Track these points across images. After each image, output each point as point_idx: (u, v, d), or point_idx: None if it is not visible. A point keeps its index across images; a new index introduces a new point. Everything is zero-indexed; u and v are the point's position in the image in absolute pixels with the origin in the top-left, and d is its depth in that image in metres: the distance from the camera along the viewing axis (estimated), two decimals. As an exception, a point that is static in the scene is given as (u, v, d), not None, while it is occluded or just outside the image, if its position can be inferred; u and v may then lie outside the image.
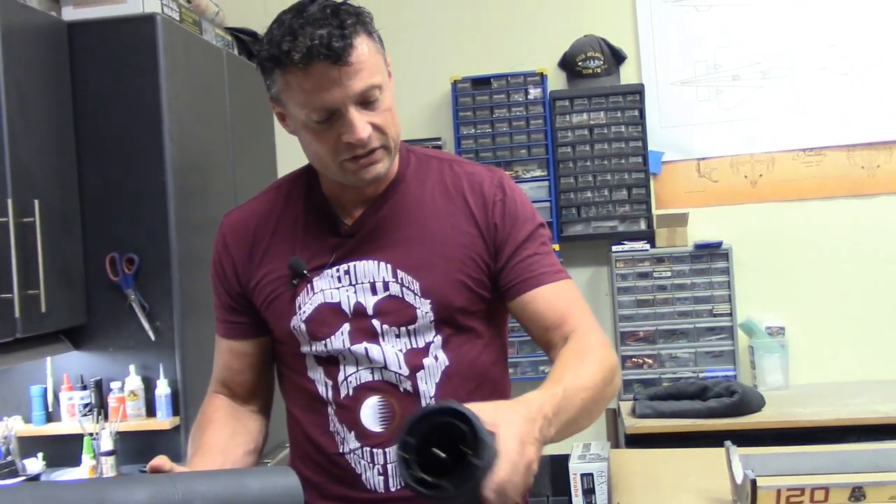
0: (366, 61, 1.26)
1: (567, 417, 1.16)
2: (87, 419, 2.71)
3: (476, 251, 1.38)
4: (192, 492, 0.99)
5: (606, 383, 1.25)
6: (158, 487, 0.97)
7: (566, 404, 1.15)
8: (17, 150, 2.43)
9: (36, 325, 2.47)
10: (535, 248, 1.39)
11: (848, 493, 1.21)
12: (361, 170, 1.31)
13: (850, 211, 3.69)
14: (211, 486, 1.01)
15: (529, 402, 1.11)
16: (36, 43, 2.61)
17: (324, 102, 1.25)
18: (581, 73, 3.78)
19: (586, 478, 3.36)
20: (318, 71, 1.23)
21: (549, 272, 1.38)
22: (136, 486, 0.97)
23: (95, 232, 2.77)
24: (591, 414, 1.23)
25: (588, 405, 1.21)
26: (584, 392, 1.19)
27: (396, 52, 1.42)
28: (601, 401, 1.25)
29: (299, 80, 1.25)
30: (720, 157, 3.77)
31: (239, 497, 1.01)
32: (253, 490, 1.03)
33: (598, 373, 1.24)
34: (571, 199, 3.76)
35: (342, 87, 1.24)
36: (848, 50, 3.67)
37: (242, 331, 1.48)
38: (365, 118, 1.27)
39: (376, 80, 1.28)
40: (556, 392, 1.15)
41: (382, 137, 1.31)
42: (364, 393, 1.37)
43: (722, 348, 3.63)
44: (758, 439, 2.93)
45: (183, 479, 1.02)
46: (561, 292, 1.37)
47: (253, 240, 1.44)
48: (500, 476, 1.01)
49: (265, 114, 3.68)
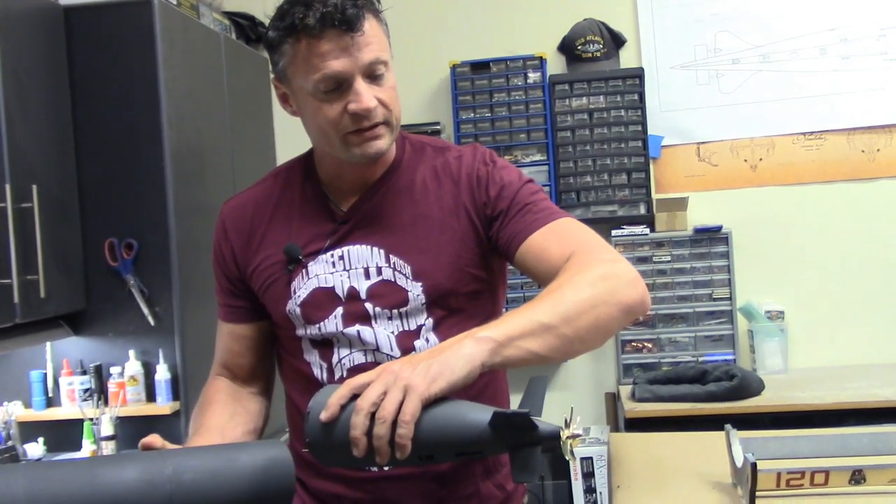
0: (375, 36, 1.30)
1: (529, 332, 1.13)
2: (87, 404, 2.72)
3: (466, 232, 1.39)
4: (182, 466, 0.99)
5: (586, 286, 1.19)
6: (149, 464, 0.98)
7: (522, 320, 1.13)
8: (14, 136, 2.42)
9: (35, 311, 2.47)
10: (524, 202, 1.37)
11: (848, 476, 1.21)
12: (364, 143, 1.32)
13: (850, 195, 3.69)
14: (201, 461, 1.02)
15: (446, 342, 1.13)
16: (33, 28, 2.59)
17: (334, 69, 1.27)
18: (580, 57, 3.76)
19: (586, 461, 3.39)
20: (331, 38, 1.26)
21: (542, 217, 1.35)
22: (126, 463, 0.98)
23: (94, 217, 2.76)
24: (575, 324, 1.16)
25: (569, 318, 1.15)
26: (551, 304, 1.16)
27: (395, 37, 1.43)
28: (593, 308, 1.17)
29: (311, 47, 1.27)
30: (720, 142, 3.76)
31: (229, 470, 1.02)
32: (243, 462, 1.04)
33: (577, 280, 1.20)
34: (571, 183, 3.75)
35: (353, 56, 1.27)
36: (848, 33, 3.66)
37: (242, 314, 1.50)
38: (372, 91, 1.30)
39: (384, 56, 1.31)
40: (504, 315, 1.16)
41: (386, 113, 1.33)
42: (357, 374, 1.38)
43: (721, 332, 3.63)
44: (757, 423, 2.94)
45: (173, 455, 1.03)
46: (557, 230, 1.34)
47: (251, 226, 1.46)
48: (331, 399, 1.07)
49: (264, 98, 3.68)
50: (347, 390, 1.07)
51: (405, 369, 1.06)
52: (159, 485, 0.96)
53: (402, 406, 1.02)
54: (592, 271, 1.22)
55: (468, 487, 1.42)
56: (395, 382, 1.04)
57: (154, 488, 0.96)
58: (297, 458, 1.46)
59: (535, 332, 1.14)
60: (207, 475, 1.00)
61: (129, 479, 0.96)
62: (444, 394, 1.06)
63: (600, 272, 1.22)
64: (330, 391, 1.10)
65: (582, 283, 1.20)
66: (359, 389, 1.07)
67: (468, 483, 1.41)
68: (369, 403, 1.03)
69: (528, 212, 1.36)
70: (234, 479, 1.02)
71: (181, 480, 0.98)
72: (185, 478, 0.98)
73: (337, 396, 1.07)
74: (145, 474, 0.97)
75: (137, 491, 0.95)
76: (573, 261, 1.26)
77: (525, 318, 1.14)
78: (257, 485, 1.03)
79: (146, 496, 0.95)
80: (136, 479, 0.96)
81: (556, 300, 1.17)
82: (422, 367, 1.06)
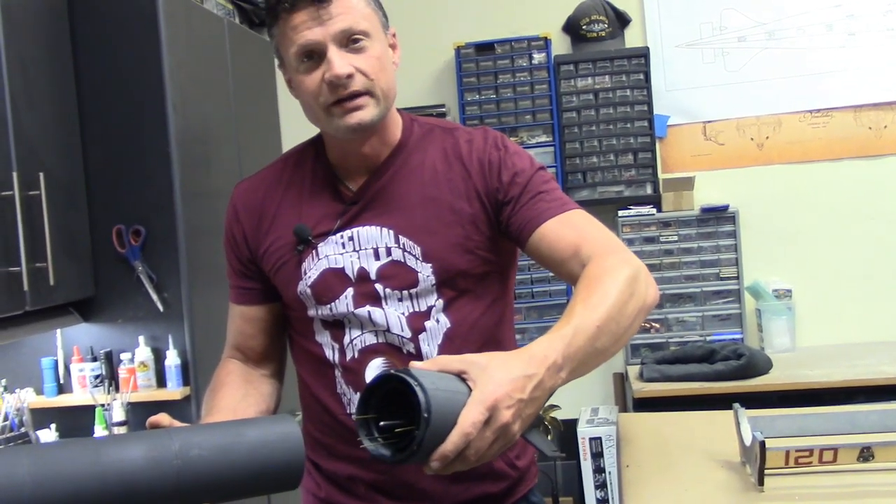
0: (351, 8, 1.32)
1: (584, 353, 1.13)
2: (99, 390, 2.73)
3: (477, 215, 1.39)
4: (188, 442, 0.98)
5: (625, 300, 1.19)
6: (155, 441, 0.97)
7: (579, 342, 1.12)
8: (20, 124, 2.42)
9: (44, 298, 2.48)
10: (536, 189, 1.38)
11: (857, 453, 1.21)
12: (346, 114, 1.33)
13: (857, 172, 3.67)
14: (208, 437, 1.01)
15: (532, 354, 1.08)
16: (37, 16, 2.59)
17: (306, 38, 1.31)
18: (585, 36, 3.75)
19: (594, 441, 3.40)
20: (303, 9, 1.31)
21: (555, 206, 1.36)
22: (132, 441, 0.97)
23: (101, 204, 2.77)
24: (616, 337, 1.18)
25: (609, 330, 1.16)
26: (599, 321, 1.15)
27: (399, 19, 1.44)
28: (624, 318, 1.19)
29: (288, 21, 1.33)
30: (726, 120, 3.75)
31: (237, 445, 1.01)
32: (251, 437, 1.02)
33: (612, 294, 1.19)
34: (577, 164, 3.74)
35: (323, 25, 1.31)
36: (854, 9, 3.63)
37: (253, 296, 1.51)
38: (348, 59, 1.32)
39: (361, 27, 1.33)
40: (565, 333, 1.12)
41: (368, 83, 1.33)
42: (369, 355, 1.39)
43: (729, 311, 3.63)
44: (765, 402, 2.94)
45: (180, 432, 1.01)
46: (570, 221, 1.35)
47: (261, 208, 1.47)
48: (445, 448, 0.99)
49: (268, 82, 3.67)
50: (463, 442, 1.01)
51: (515, 417, 1.04)
52: (166, 461, 0.95)
53: (493, 448, 1.04)
54: (624, 276, 1.22)
55: (482, 467, 1.42)
56: (504, 436, 1.03)
57: (161, 465, 0.95)
58: (310, 439, 1.47)
59: (589, 358, 1.15)
60: (215, 451, 0.99)
61: (136, 456, 0.95)
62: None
63: (629, 275, 1.23)
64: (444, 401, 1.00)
65: (622, 291, 1.20)
66: (472, 429, 1.01)
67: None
68: (476, 455, 1.02)
69: (541, 199, 1.37)
70: (242, 455, 1.01)
71: (188, 456, 0.97)
72: (192, 454, 0.97)
73: (458, 446, 1.00)
74: (152, 451, 0.95)
75: (144, 468, 0.94)
76: (600, 264, 1.26)
77: (588, 338, 1.14)
78: (266, 460, 1.02)
79: (153, 473, 0.95)
80: (142, 456, 0.95)
81: (609, 311, 1.17)
82: (526, 413, 1.05)
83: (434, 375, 1.02)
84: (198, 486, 0.97)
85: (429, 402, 0.97)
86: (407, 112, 1.50)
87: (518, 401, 1.04)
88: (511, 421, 1.03)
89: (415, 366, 1.04)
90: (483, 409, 1.00)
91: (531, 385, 1.05)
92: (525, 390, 1.04)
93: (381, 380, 1.03)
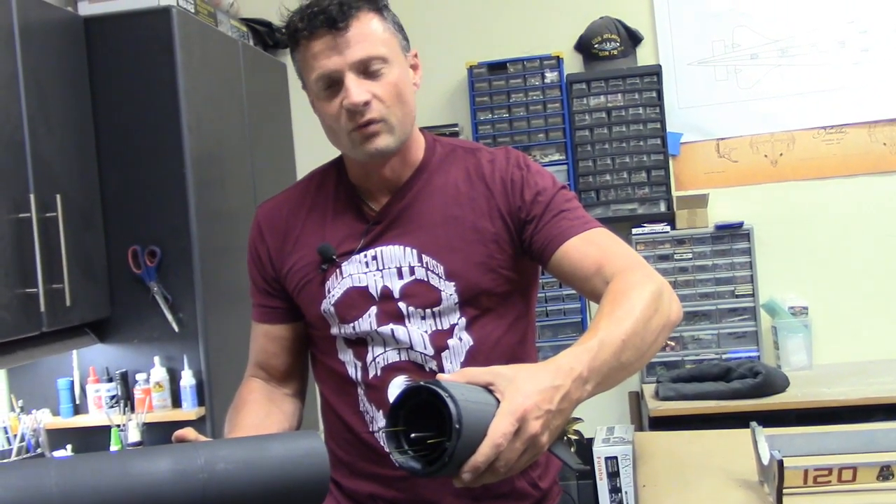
0: (370, 34, 1.34)
1: (609, 367, 1.13)
2: (114, 411, 2.74)
3: (499, 234, 1.40)
4: (214, 456, 0.98)
5: (650, 315, 1.20)
6: (181, 455, 0.97)
7: (605, 355, 1.12)
8: (37, 146, 2.45)
9: (61, 319, 2.49)
10: (559, 208, 1.39)
11: (876, 472, 1.20)
12: (364, 141, 1.35)
13: (872, 188, 3.66)
14: (234, 451, 1.01)
15: (559, 366, 1.08)
16: (53, 39, 2.62)
17: (325, 67, 1.33)
18: (598, 55, 3.75)
19: (611, 461, 3.38)
20: (321, 37, 1.33)
21: (578, 224, 1.37)
22: (159, 455, 0.97)
23: (117, 225, 2.79)
24: (640, 352, 1.19)
25: (633, 344, 1.17)
26: (624, 335, 1.15)
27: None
28: (649, 334, 1.20)
29: (307, 49, 1.35)
30: (739, 137, 3.74)
31: (262, 460, 1.01)
32: (276, 452, 1.02)
33: (637, 309, 1.20)
34: (590, 182, 3.74)
35: (341, 53, 1.32)
36: (868, 25, 3.63)
37: (277, 315, 1.53)
38: (365, 86, 1.33)
39: (379, 52, 1.34)
40: (591, 346, 1.12)
41: (384, 110, 1.35)
42: (391, 373, 1.41)
43: (745, 329, 3.61)
44: (782, 420, 2.92)
45: (206, 446, 1.01)
46: (593, 239, 1.36)
47: (286, 227, 1.49)
48: (476, 459, 0.99)
49: (282, 103, 3.70)
50: (494, 453, 1.01)
51: (543, 428, 1.04)
52: (192, 475, 0.95)
53: (522, 460, 1.04)
54: (649, 293, 1.23)
55: (504, 486, 1.42)
56: (533, 446, 1.04)
57: (186, 478, 0.95)
58: (332, 457, 1.47)
59: (614, 371, 1.15)
60: (241, 465, 0.99)
61: (162, 469, 0.94)
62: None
63: (654, 292, 1.24)
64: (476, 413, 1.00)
65: (647, 307, 1.21)
66: (502, 440, 1.00)
67: (504, 481, 1.42)
68: (507, 467, 1.02)
69: (564, 218, 1.38)
70: (267, 469, 1.00)
71: (214, 470, 0.97)
72: (218, 468, 0.97)
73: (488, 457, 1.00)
74: (178, 465, 0.95)
75: (170, 481, 0.94)
76: (625, 280, 1.27)
77: (613, 352, 1.14)
78: (291, 475, 1.01)
79: (179, 487, 0.94)
80: (168, 469, 0.95)
81: (634, 326, 1.18)
82: (554, 423, 1.06)
83: (463, 387, 1.02)
84: (223, 501, 0.97)
85: (460, 412, 0.97)
86: (429, 133, 1.51)
87: (546, 412, 1.04)
88: (540, 432, 1.03)
89: (442, 378, 1.04)
90: (513, 419, 1.01)
91: (558, 396, 1.06)
92: (553, 401, 1.05)
93: (410, 391, 1.03)
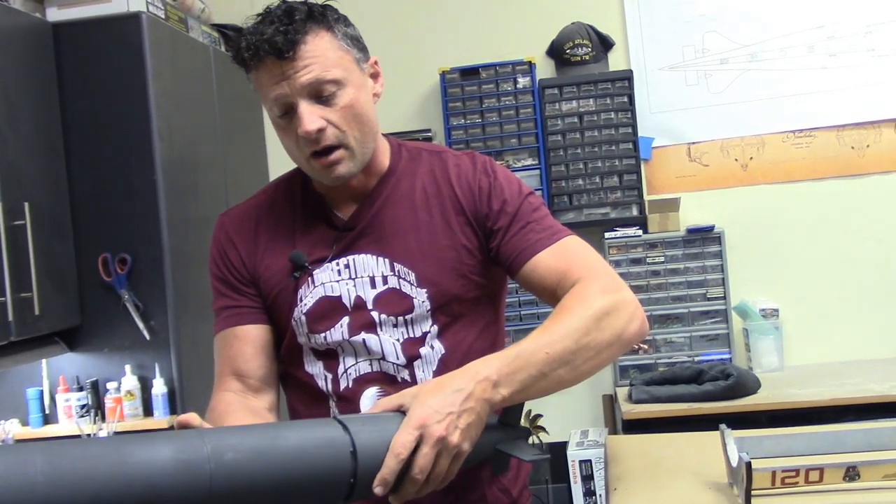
0: (318, 57, 1.29)
1: (530, 376, 1.18)
2: (85, 420, 2.72)
3: (468, 239, 1.40)
4: (222, 445, 0.89)
5: (588, 331, 1.22)
6: (185, 442, 0.88)
7: (521, 364, 1.18)
8: (5, 153, 2.42)
9: (30, 328, 2.47)
10: (527, 218, 1.39)
11: (842, 472, 1.21)
12: (324, 168, 1.34)
13: (840, 191, 3.70)
14: (244, 439, 0.93)
15: (465, 370, 1.15)
16: (21, 45, 2.59)
17: (276, 95, 1.30)
18: (569, 60, 3.77)
19: (584, 464, 3.39)
20: (267, 66, 1.29)
21: (545, 237, 1.37)
22: (160, 441, 0.88)
23: (87, 233, 2.76)
24: (573, 367, 1.21)
25: (562, 359, 1.20)
26: (549, 348, 1.19)
27: (384, 45, 1.44)
28: (585, 350, 1.22)
29: (258, 77, 1.33)
30: (710, 141, 3.77)
31: (276, 449, 0.93)
32: (292, 442, 0.95)
33: (575, 325, 1.22)
34: (563, 186, 3.76)
35: (289, 80, 1.29)
36: (835, 30, 3.68)
37: (252, 315, 1.45)
38: (318, 112, 1.30)
39: (330, 75, 1.30)
40: (507, 354, 1.18)
41: (340, 135, 1.32)
42: (363, 385, 1.39)
43: (717, 332, 3.64)
44: (754, 422, 2.95)
45: (212, 434, 0.93)
46: (560, 251, 1.36)
47: (255, 232, 1.46)
48: (382, 473, 1.03)
49: (254, 110, 3.68)
50: (396, 463, 1.05)
51: (450, 429, 1.08)
52: (197, 465, 0.86)
53: (449, 469, 1.10)
54: (596, 307, 1.25)
55: (475, 493, 1.42)
56: (446, 448, 1.08)
57: (192, 469, 0.86)
58: None
59: (537, 381, 1.19)
60: (252, 454, 0.91)
61: (164, 458, 0.85)
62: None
63: (604, 306, 1.25)
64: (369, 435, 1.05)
65: (587, 323, 1.23)
66: (401, 449, 1.05)
67: (475, 488, 1.42)
68: (423, 473, 1.06)
69: (531, 230, 1.37)
70: (281, 460, 0.93)
71: (222, 460, 0.88)
72: (227, 457, 0.88)
73: (392, 468, 1.05)
74: (181, 454, 0.86)
75: (173, 471, 0.85)
76: (577, 292, 1.28)
77: (534, 363, 1.19)
78: (308, 467, 0.94)
79: (183, 477, 0.85)
80: (171, 458, 0.85)
81: (564, 342, 1.21)
82: (462, 423, 1.10)
83: (366, 417, 1.10)
84: (232, 494, 0.89)
85: (352, 437, 1.02)
86: (394, 138, 1.50)
87: (448, 414, 1.08)
88: (446, 433, 1.07)
89: (354, 414, 1.12)
90: (411, 429, 1.06)
91: (461, 398, 1.11)
92: (455, 403, 1.10)
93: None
